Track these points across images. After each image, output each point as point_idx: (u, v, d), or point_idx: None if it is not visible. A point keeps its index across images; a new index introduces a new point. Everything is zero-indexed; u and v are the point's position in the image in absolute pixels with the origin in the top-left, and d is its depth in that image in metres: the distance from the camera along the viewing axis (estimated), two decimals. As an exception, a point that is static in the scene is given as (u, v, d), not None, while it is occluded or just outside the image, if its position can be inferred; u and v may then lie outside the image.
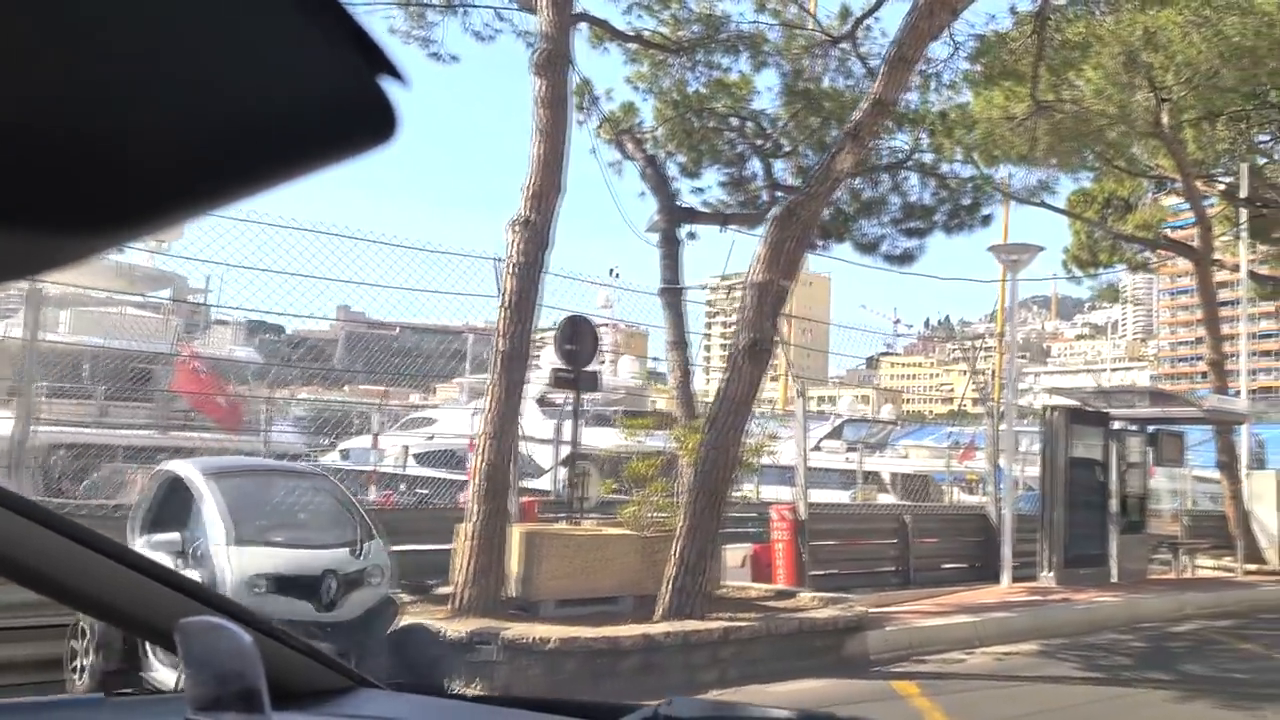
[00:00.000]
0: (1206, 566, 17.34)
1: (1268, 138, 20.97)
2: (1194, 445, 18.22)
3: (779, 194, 14.65)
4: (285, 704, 1.41)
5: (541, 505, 11.94)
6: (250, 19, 0.50)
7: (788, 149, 14.54)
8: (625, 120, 14.44)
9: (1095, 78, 13.92)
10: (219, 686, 1.27)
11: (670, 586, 8.70)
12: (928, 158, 14.76)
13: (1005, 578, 14.39)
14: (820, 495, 28.93)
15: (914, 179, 14.21)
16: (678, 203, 12.71)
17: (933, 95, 13.66)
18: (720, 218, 13.23)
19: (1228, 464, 17.62)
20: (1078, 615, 11.76)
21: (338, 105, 0.54)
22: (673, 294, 11.63)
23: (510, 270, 8.69)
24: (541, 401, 33.11)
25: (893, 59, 8.88)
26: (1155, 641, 10.94)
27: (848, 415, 41.88)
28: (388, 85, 0.53)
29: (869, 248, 14.64)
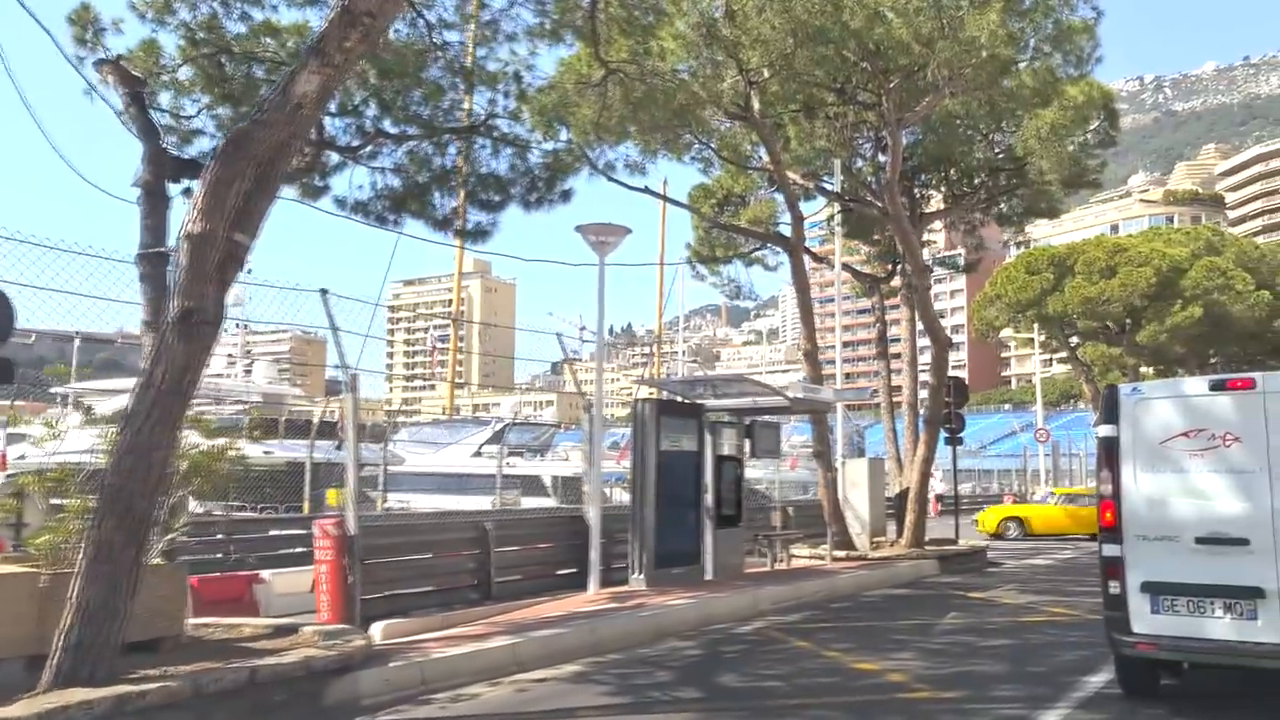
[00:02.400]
0: (802, 556, 17.35)
1: (867, 141, 21.78)
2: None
3: (332, 154, 12.70)
4: None
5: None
6: None
7: (348, 106, 12.58)
8: (147, 61, 11.88)
9: (675, 48, 13.14)
10: None
11: (63, 642, 6.46)
12: (511, 128, 13.36)
13: (593, 584, 13.28)
14: (458, 502, 27.28)
15: (488, 148, 12.71)
16: (172, 151, 10.39)
17: (502, 50, 12.23)
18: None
19: (822, 453, 17.75)
20: (642, 624, 10.71)
21: None
22: (156, 261, 9.33)
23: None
24: (88, 411, 28.85)
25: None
26: (712, 648, 10.06)
27: (509, 419, 40.61)
28: None
29: (442, 224, 13.01)
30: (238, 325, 38.11)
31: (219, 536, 17.02)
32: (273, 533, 16.09)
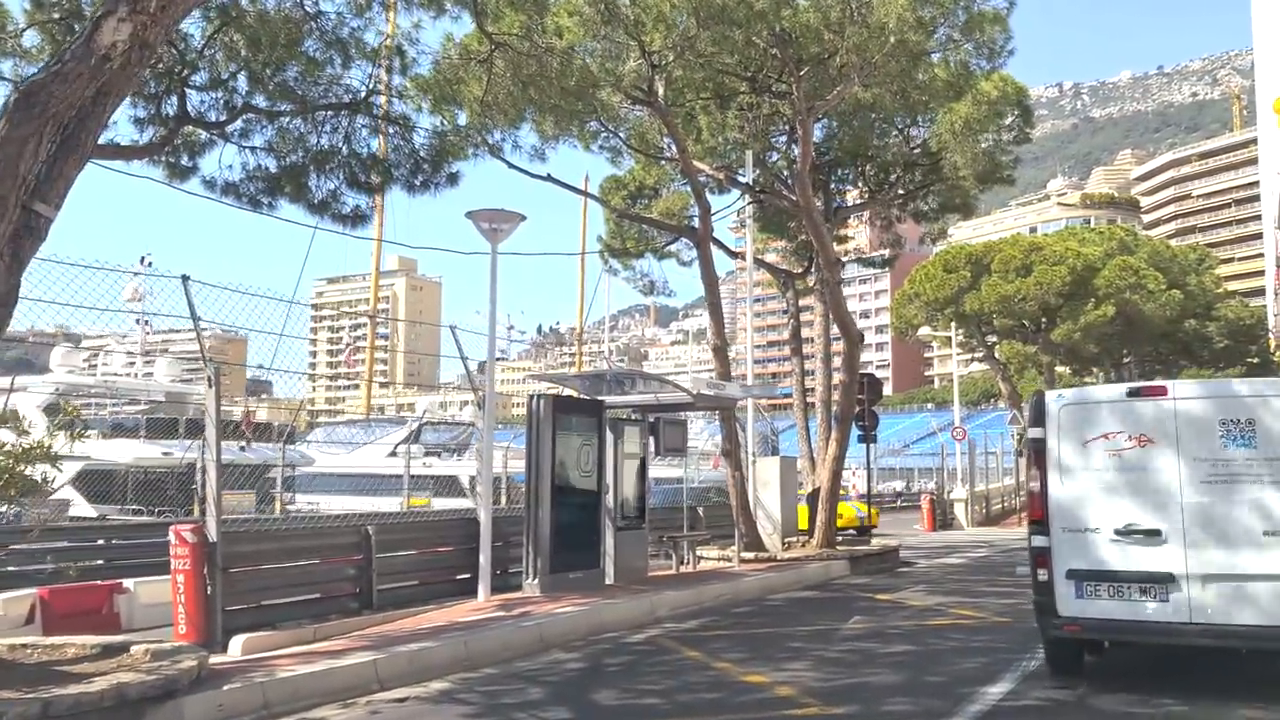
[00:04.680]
0: (711, 558, 16.81)
1: (781, 133, 21.35)
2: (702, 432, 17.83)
3: (194, 130, 11.76)
4: None
5: None
6: None
7: (212, 79, 11.65)
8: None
9: (572, 26, 12.45)
10: None
11: None
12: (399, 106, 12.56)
13: (483, 591, 12.54)
14: (372, 504, 26.26)
15: (368, 126, 11.88)
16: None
17: (382, 21, 11.42)
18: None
19: (730, 451, 17.23)
20: (524, 634, 10.00)
21: None
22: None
23: None
24: (49, 411, 27.26)
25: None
26: (595, 660, 9.40)
27: (425, 418, 39.52)
28: None
29: (318, 208, 12.15)
30: (137, 321, 36.53)
31: (100, 543, 15.93)
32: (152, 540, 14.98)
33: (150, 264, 36.44)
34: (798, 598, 14.08)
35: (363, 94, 12.01)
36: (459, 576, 13.50)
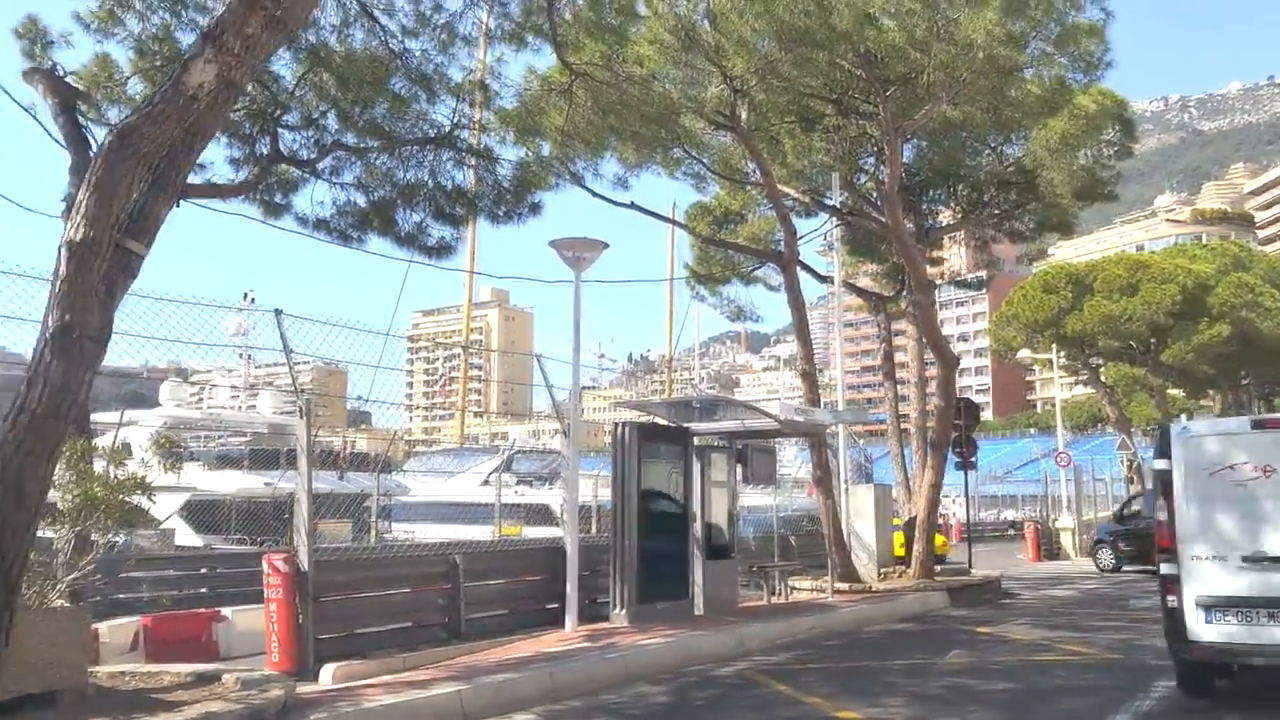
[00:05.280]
0: (803, 589, 16.43)
1: (869, 154, 21.02)
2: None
3: (288, 168, 12.08)
4: None
5: None
6: None
7: (304, 118, 11.98)
8: (99, 75, 11.36)
9: (652, 54, 12.46)
10: None
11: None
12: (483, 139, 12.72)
13: (570, 621, 12.45)
14: (467, 532, 26.55)
15: (452, 159, 12.05)
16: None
17: (465, 56, 11.58)
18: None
19: (822, 479, 16.85)
20: (609, 666, 9.87)
21: None
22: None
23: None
24: (158, 443, 28.29)
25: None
26: (682, 694, 9.20)
27: (516, 447, 39.88)
28: None
29: (406, 240, 12.35)
30: (241, 356, 37.81)
31: (202, 571, 16.39)
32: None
33: (253, 300, 37.70)
34: (893, 630, 13.63)
35: (447, 128, 12.18)
36: (547, 606, 13.43)
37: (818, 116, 18.72)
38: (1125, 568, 23.94)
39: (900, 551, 18.58)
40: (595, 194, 15.28)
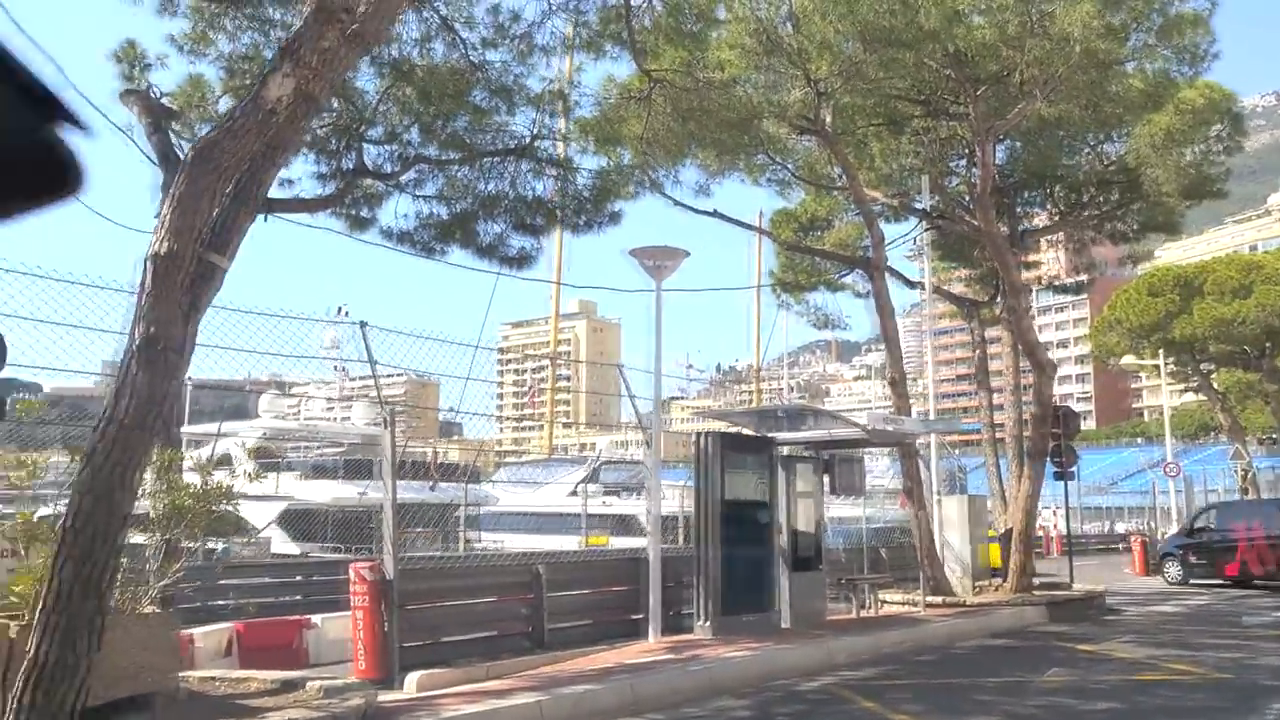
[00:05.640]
0: (894, 602, 15.99)
1: (960, 156, 20.49)
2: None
3: (372, 182, 12.28)
4: None
5: None
6: None
7: (387, 132, 12.17)
8: (193, 96, 11.73)
9: (733, 58, 12.32)
10: None
11: (15, 704, 5.91)
12: (561, 148, 12.75)
13: (653, 632, 12.33)
14: (556, 542, 26.70)
15: (530, 170, 12.09)
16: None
17: (539, 64, 11.62)
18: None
19: (912, 490, 16.40)
20: (691, 679, 9.71)
21: (11, 159, 0.51)
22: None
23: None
24: (259, 454, 29.26)
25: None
26: (765, 709, 8.99)
27: (603, 458, 39.98)
28: (69, 136, 0.49)
29: (486, 251, 12.43)
30: (335, 368, 38.76)
31: (296, 579, 16.77)
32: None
33: (346, 313, 38.60)
34: (988, 646, 13.15)
35: (527, 139, 12.24)
36: (629, 617, 13.35)
37: (905, 118, 18.31)
38: (1193, 581, 23.23)
39: (996, 564, 17.97)
40: (676, 202, 15.20)
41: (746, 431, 14.28)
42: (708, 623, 12.57)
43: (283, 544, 24.44)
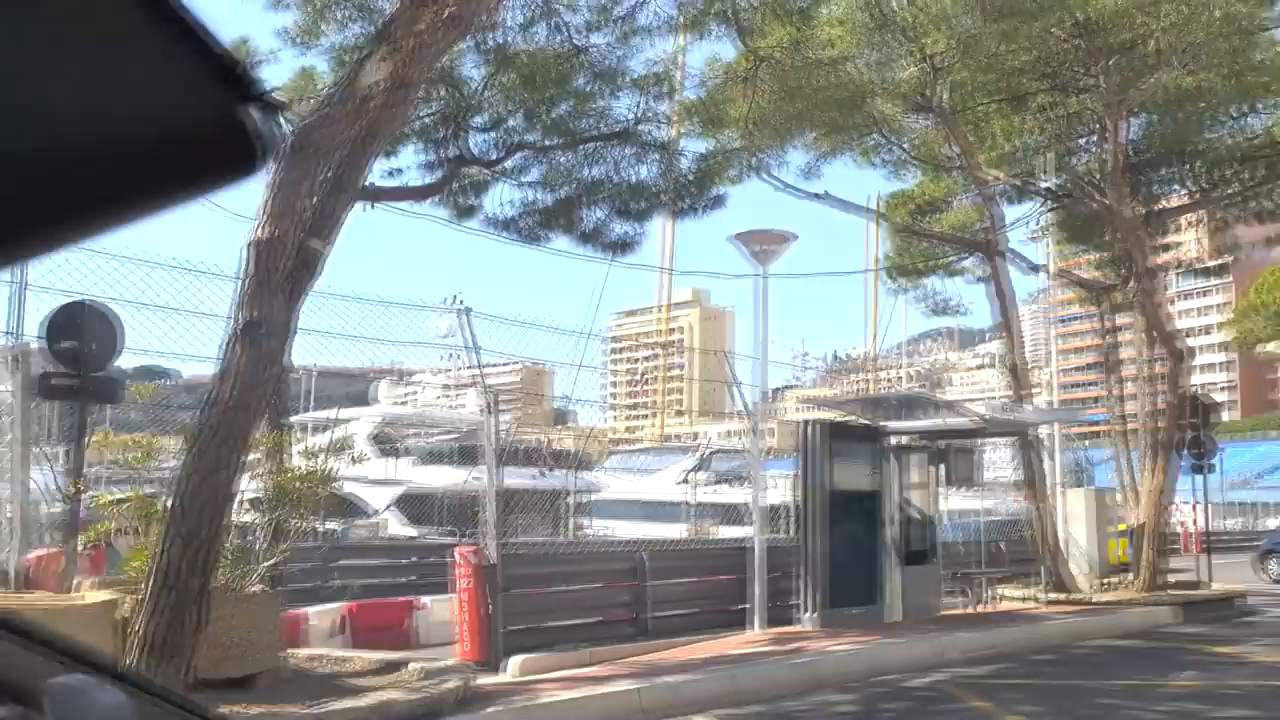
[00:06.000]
0: (1013, 598, 15.36)
1: (1090, 132, 19.50)
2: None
3: (477, 170, 12.37)
4: None
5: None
6: (104, 47, 0.47)
7: (491, 119, 12.24)
8: (304, 88, 12.04)
9: (842, 35, 11.94)
10: None
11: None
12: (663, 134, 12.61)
13: (756, 623, 12.13)
14: (664, 530, 26.75)
15: (632, 154, 11.98)
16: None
17: (643, 46, 11.48)
18: (365, 192, 10.63)
19: (1032, 481, 15.69)
20: (794, 672, 9.48)
21: (200, 134, 0.50)
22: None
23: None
24: (377, 439, 30.23)
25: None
26: (870, 704, 8.70)
27: (715, 446, 39.83)
28: (255, 113, 0.49)
29: (589, 237, 12.39)
30: (444, 356, 39.58)
31: (413, 559, 17.22)
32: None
33: (460, 303, 39.48)
34: (1112, 646, 12.47)
35: (630, 123, 12.13)
36: (733, 607, 13.15)
37: (1028, 94, 17.49)
38: None
39: (1125, 560, 17.08)
40: (784, 185, 14.84)
41: (856, 420, 13.89)
42: (814, 615, 12.30)
43: (400, 527, 25.12)
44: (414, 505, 26.11)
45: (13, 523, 7.20)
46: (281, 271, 6.56)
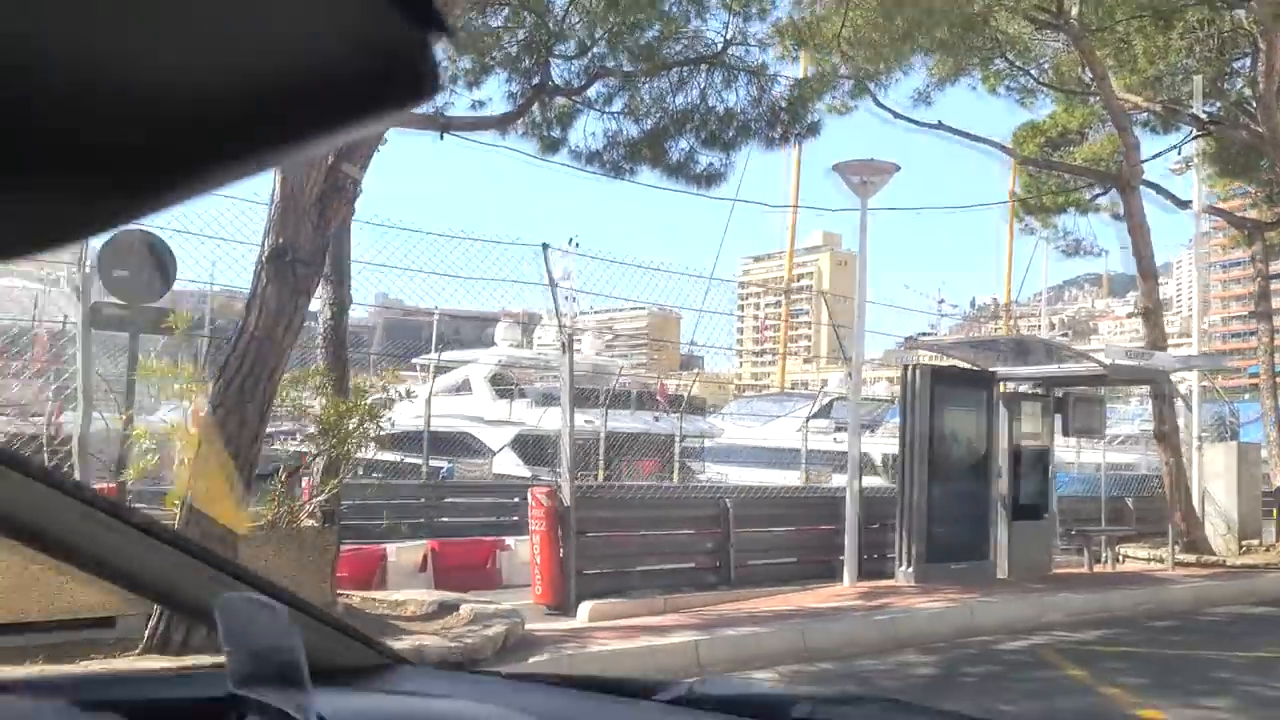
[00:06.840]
0: (1138, 558, 14.26)
1: (1245, 54, 17.64)
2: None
3: (563, 101, 11.92)
4: (323, 681, 1.31)
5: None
6: None
7: (581, 45, 11.73)
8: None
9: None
10: (258, 662, 1.19)
11: (160, 606, 6.07)
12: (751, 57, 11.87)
13: (848, 575, 11.54)
14: (782, 477, 26.27)
15: (722, 79, 11.30)
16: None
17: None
18: (434, 122, 10.27)
19: (1165, 434, 14.43)
20: (873, 629, 8.88)
21: (373, 58, 0.47)
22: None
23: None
24: (494, 380, 30.69)
25: None
26: (951, 667, 8.04)
27: (836, 393, 38.89)
28: (426, 35, 0.46)
29: (675, 170, 11.81)
30: (566, 298, 39.67)
31: (515, 500, 17.24)
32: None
33: (577, 245, 39.35)
34: (1244, 615, 11.34)
35: (719, 46, 11.43)
36: (826, 559, 12.55)
37: (1176, 10, 15.87)
38: None
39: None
40: (895, 114, 13.83)
41: (965, 365, 12.99)
42: (911, 569, 11.61)
43: (515, 467, 25.39)
44: (529, 447, 26.35)
45: (72, 455, 7.23)
46: (310, 196, 6.28)
